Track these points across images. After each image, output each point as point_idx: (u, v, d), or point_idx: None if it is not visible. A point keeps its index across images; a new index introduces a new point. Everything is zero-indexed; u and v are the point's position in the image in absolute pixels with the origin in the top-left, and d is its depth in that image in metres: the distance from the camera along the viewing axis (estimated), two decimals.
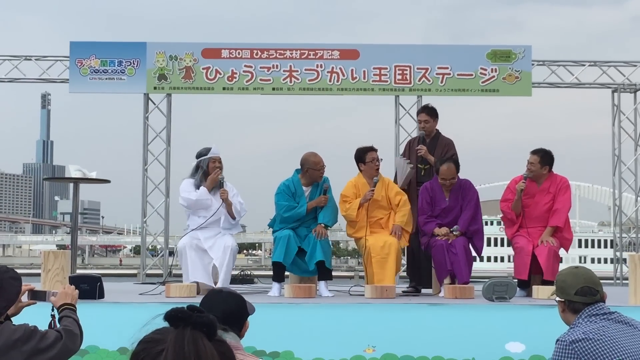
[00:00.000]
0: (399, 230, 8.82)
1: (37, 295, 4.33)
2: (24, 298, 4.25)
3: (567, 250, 9.12)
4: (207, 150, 9.09)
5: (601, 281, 4.36)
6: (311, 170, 8.92)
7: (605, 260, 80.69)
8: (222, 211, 8.95)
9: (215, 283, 8.79)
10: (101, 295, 7.70)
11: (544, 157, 9.01)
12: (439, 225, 8.81)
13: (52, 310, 4.27)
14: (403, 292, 9.22)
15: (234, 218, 9.04)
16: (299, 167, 9.04)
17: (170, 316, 1.97)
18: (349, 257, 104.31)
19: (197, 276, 8.65)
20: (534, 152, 9.07)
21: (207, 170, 9.00)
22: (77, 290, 4.38)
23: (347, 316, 7.19)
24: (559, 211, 8.95)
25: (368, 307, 7.43)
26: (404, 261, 10.16)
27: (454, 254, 8.63)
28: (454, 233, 8.71)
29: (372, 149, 9.12)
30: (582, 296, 4.16)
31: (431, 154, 9.44)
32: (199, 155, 9.10)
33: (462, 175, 9.06)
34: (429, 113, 9.65)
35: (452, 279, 8.71)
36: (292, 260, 8.71)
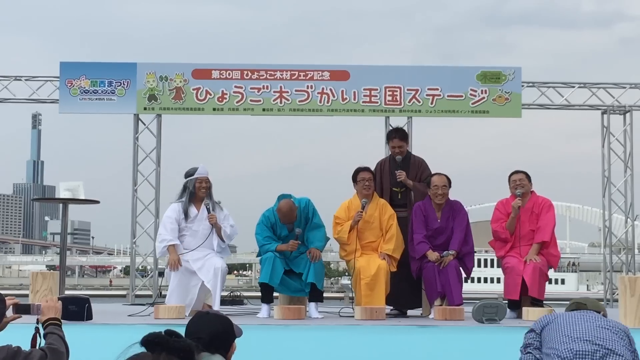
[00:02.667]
0: (387, 257, 8.82)
1: (22, 309, 4.30)
2: (9, 312, 4.22)
3: (555, 267, 9.16)
4: (194, 170, 9.02)
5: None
6: (280, 219, 8.89)
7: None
8: (212, 237, 8.91)
9: (203, 304, 8.77)
10: (89, 317, 7.65)
11: (527, 175, 9.21)
12: (431, 248, 8.79)
13: (37, 322, 4.23)
14: (386, 314, 9.17)
15: (224, 241, 8.99)
16: (282, 193, 9.00)
17: (147, 341, 1.95)
18: (339, 278, 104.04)
19: (172, 300, 8.61)
20: (517, 172, 9.27)
21: (194, 191, 8.94)
22: (60, 302, 4.34)
23: (337, 338, 7.16)
24: (544, 228, 9.05)
25: (358, 329, 7.41)
26: None
27: (444, 275, 8.62)
28: (450, 253, 8.69)
29: (364, 170, 9.14)
30: (568, 310, 4.90)
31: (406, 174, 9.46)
32: (186, 176, 9.03)
33: (451, 195, 9.07)
34: (402, 138, 9.67)
35: (443, 300, 8.69)
36: (280, 281, 8.68)
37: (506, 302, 8.79)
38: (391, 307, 9.46)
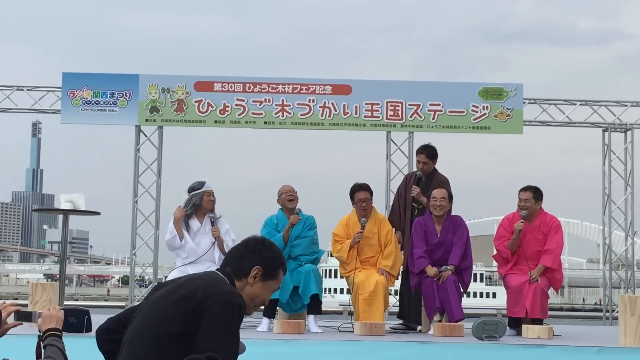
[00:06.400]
0: (385, 273, 8.81)
1: (24, 317, 4.29)
2: (10, 319, 4.19)
3: (557, 290, 9.11)
4: (201, 184, 9.02)
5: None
6: (281, 199, 9.05)
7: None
8: (214, 250, 8.89)
9: None
10: (89, 329, 7.60)
11: (536, 193, 9.03)
12: (430, 263, 8.77)
13: (39, 331, 4.21)
14: (392, 328, 9.16)
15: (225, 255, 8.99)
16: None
17: None
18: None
19: None
20: (525, 189, 9.04)
21: (201, 204, 8.96)
22: (62, 311, 4.31)
23: (337, 353, 7.15)
24: (552, 252, 8.90)
25: (357, 344, 7.39)
26: (392, 298, 10.14)
27: (443, 290, 8.60)
28: (448, 268, 8.66)
29: (360, 189, 9.04)
30: None
31: (426, 191, 9.38)
32: (191, 189, 9.03)
33: (452, 209, 9.05)
34: (428, 155, 9.58)
35: (442, 316, 8.67)
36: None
37: (506, 319, 8.76)
38: (401, 322, 9.47)
